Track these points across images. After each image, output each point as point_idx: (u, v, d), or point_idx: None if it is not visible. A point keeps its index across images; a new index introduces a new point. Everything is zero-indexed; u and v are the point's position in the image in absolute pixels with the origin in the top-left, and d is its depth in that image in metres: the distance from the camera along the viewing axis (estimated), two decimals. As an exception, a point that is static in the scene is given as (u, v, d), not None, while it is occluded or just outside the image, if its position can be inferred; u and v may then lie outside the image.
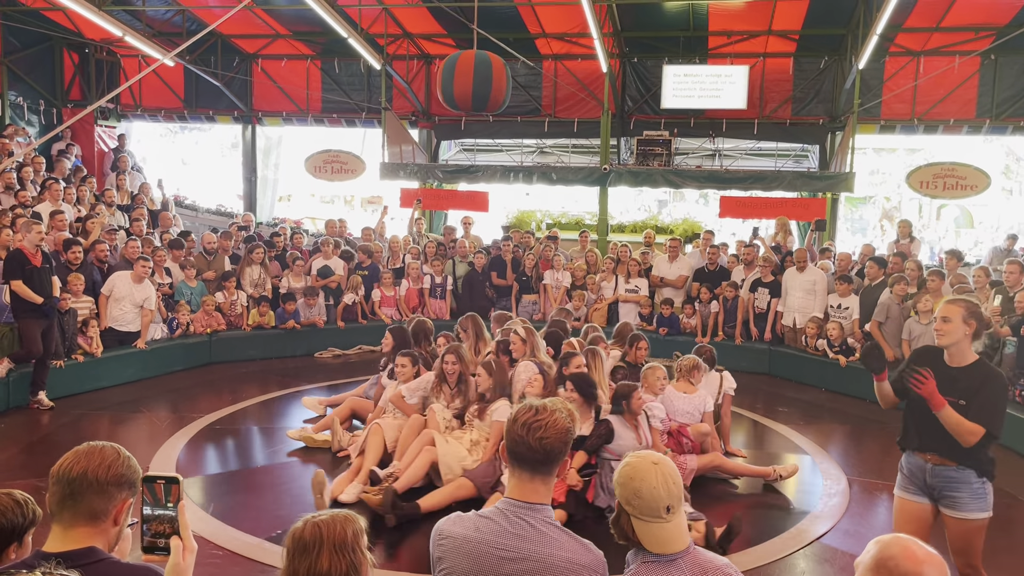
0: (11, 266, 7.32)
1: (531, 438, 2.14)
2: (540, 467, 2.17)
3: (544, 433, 2.14)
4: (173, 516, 1.72)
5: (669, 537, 2.08)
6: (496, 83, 9.42)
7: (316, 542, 1.88)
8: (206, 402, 8.01)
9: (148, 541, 1.72)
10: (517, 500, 2.18)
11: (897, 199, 23.58)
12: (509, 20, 12.63)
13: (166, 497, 1.72)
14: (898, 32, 12.13)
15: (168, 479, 1.74)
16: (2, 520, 2.21)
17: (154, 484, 1.73)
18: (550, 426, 2.15)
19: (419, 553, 4.73)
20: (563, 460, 2.22)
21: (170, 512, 1.72)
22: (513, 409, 2.26)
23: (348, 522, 1.96)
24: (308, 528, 1.91)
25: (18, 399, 7.51)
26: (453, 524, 2.23)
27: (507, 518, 2.16)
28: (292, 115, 15.21)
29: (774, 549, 4.95)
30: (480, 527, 2.17)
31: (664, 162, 13.12)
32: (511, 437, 2.18)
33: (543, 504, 2.18)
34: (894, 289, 8.83)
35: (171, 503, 1.73)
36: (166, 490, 1.72)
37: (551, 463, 2.18)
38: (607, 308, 10.97)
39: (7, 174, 10.25)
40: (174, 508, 1.73)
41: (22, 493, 2.29)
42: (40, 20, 13.34)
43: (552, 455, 2.16)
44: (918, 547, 1.86)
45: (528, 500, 2.17)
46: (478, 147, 15.86)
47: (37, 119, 14.50)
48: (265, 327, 10.22)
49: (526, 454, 2.16)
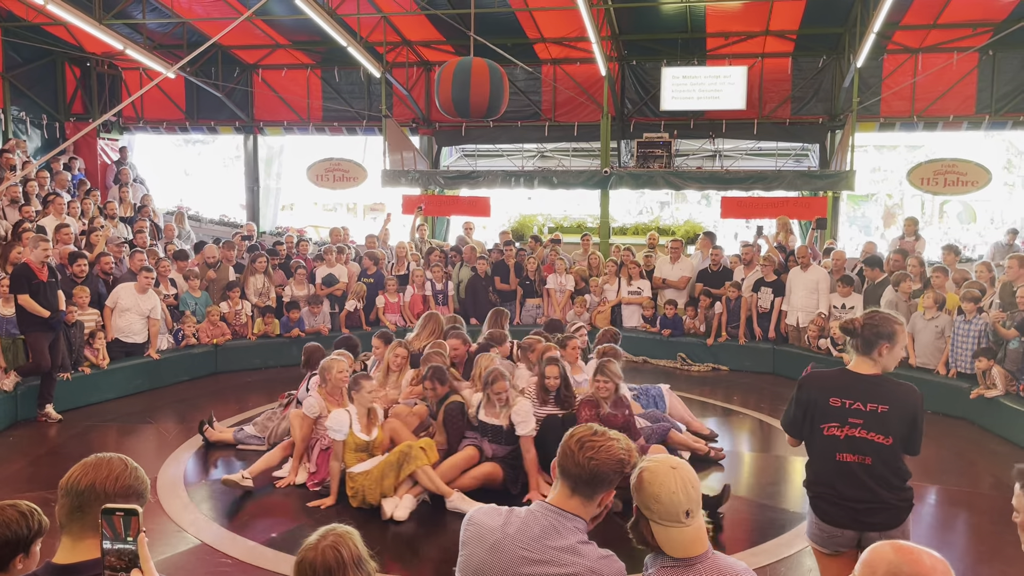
0: (17, 280, 7.37)
1: (581, 455, 2.16)
2: (582, 486, 2.18)
3: (595, 455, 2.16)
4: (133, 549, 1.65)
5: (689, 541, 2.08)
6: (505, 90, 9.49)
7: (340, 566, 1.97)
8: (213, 412, 8.03)
9: (108, 575, 1.65)
10: (554, 506, 2.21)
11: (899, 196, 23.57)
12: (507, 26, 12.66)
13: (125, 530, 1.65)
14: (896, 30, 12.13)
15: (127, 511, 1.66)
16: (7, 532, 2.25)
17: (112, 516, 1.65)
18: (602, 450, 2.17)
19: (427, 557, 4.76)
20: (609, 490, 2.21)
21: (130, 546, 1.65)
22: (575, 426, 2.30)
23: (350, 537, 2.05)
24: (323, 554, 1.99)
25: (26, 412, 7.56)
26: (485, 514, 2.27)
27: (537, 520, 2.19)
28: (293, 124, 15.27)
29: (781, 547, 4.97)
30: (509, 522, 2.22)
31: (664, 164, 13.13)
32: (563, 450, 2.22)
33: (578, 516, 2.19)
34: (900, 287, 8.85)
35: (131, 536, 1.66)
36: (125, 522, 1.65)
37: (595, 485, 2.18)
38: (610, 311, 11.00)
39: (13, 188, 10.32)
40: (134, 541, 1.65)
41: (28, 504, 2.33)
42: (41, 35, 13.42)
43: (597, 478, 2.17)
44: (926, 555, 1.77)
45: (563, 508, 2.20)
46: (479, 153, 15.90)
47: (39, 134, 14.57)
48: (270, 336, 10.26)
49: (572, 469, 2.18)
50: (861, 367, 3.31)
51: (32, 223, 9.49)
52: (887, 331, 3.24)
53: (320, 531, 2.08)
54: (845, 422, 3.26)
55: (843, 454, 3.26)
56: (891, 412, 3.23)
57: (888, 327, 3.25)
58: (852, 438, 3.25)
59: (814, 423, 3.33)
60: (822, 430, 3.30)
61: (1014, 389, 7.40)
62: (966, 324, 7.98)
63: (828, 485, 3.30)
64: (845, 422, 3.26)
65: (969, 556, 4.90)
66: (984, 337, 7.85)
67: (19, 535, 2.26)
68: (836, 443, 3.27)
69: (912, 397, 3.28)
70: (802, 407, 3.37)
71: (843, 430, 3.26)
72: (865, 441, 3.23)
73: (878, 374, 3.30)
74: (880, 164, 23.08)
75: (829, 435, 3.29)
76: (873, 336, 3.25)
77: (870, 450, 3.23)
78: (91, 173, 14.31)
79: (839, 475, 3.26)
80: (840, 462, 3.26)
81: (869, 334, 3.26)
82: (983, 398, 7.55)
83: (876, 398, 3.25)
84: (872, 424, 3.23)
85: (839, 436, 3.27)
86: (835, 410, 3.28)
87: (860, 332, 3.29)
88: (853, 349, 3.35)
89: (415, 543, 5.07)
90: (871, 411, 3.23)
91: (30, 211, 9.96)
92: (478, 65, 9.18)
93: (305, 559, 2.01)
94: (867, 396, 3.26)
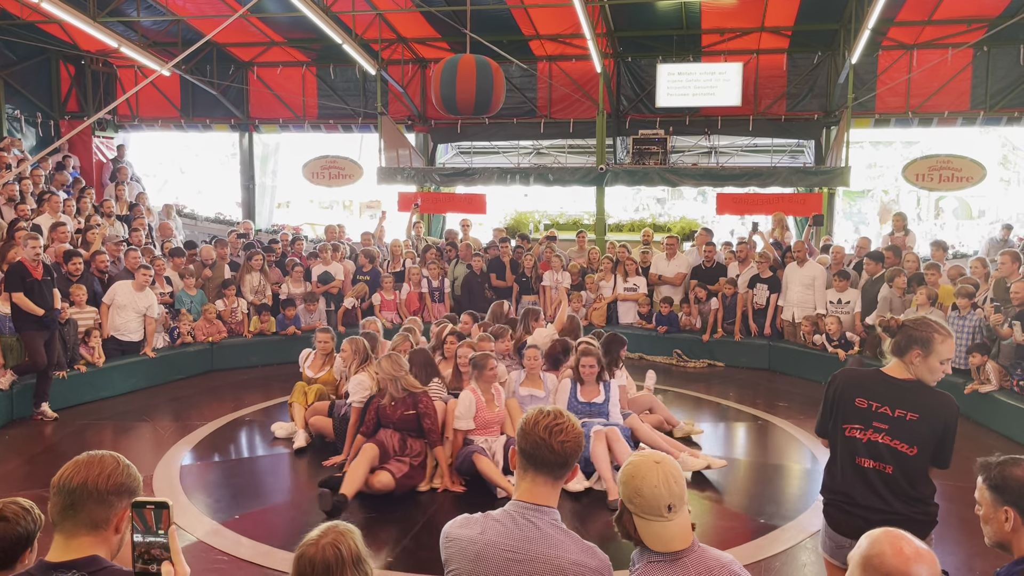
0: (12, 279, 7.36)
1: (554, 441, 2.16)
2: (557, 470, 2.20)
3: (565, 437, 2.18)
4: (164, 542, 1.67)
5: (671, 536, 2.09)
6: (497, 86, 9.48)
7: (339, 564, 1.99)
8: (209, 410, 8.04)
9: (140, 568, 1.66)
10: (525, 502, 2.21)
11: (895, 192, 23.60)
12: (502, 23, 12.66)
13: (156, 523, 1.67)
14: (890, 26, 12.15)
15: (158, 504, 1.68)
16: (18, 528, 2.26)
17: (143, 509, 1.67)
18: (570, 430, 2.19)
19: (420, 558, 4.77)
20: (573, 467, 2.24)
21: (161, 539, 1.67)
22: (527, 414, 2.27)
23: (351, 536, 2.06)
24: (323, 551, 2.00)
25: (21, 411, 7.55)
26: (460, 527, 2.25)
27: (514, 520, 2.19)
28: (289, 122, 15.25)
29: (776, 542, 4.98)
30: (486, 529, 2.20)
31: (660, 161, 13.14)
32: (530, 440, 2.18)
33: (550, 507, 2.21)
34: (894, 283, 8.89)
35: (162, 529, 1.67)
36: (156, 515, 1.67)
37: (567, 467, 2.21)
38: (606, 307, 11.01)
39: (9, 186, 10.30)
40: (165, 534, 1.67)
41: (26, 500, 2.34)
42: (36, 33, 13.38)
43: (570, 459, 2.20)
44: (907, 543, 1.85)
45: (536, 502, 2.20)
46: (475, 150, 15.90)
47: (34, 132, 14.53)
48: (266, 334, 10.25)
49: (548, 457, 2.17)
50: (896, 371, 3.13)
51: (27, 221, 9.47)
52: (921, 336, 3.05)
53: (322, 527, 2.08)
54: (869, 425, 3.09)
55: (863, 459, 3.10)
56: (921, 421, 3.03)
57: (924, 333, 3.05)
58: (874, 443, 3.08)
59: (837, 422, 3.18)
60: (844, 430, 3.15)
61: (1008, 384, 7.43)
62: (960, 320, 8.00)
63: (843, 492, 3.14)
64: (869, 425, 3.09)
65: (962, 551, 4.92)
66: (979, 332, 7.87)
67: (28, 530, 2.28)
68: (857, 446, 3.11)
69: (947, 408, 3.06)
70: (828, 403, 3.22)
71: (866, 433, 3.09)
72: (888, 448, 3.06)
73: (912, 379, 3.09)
74: (875, 160, 23.10)
75: (850, 436, 3.13)
76: (905, 340, 3.09)
77: (892, 458, 3.05)
78: (86, 171, 14.29)
79: (856, 480, 3.10)
80: (858, 466, 3.11)
81: (902, 337, 3.10)
82: (977, 393, 7.57)
83: (906, 404, 3.06)
84: (898, 431, 3.05)
85: (860, 439, 3.10)
86: (859, 411, 3.11)
87: (896, 333, 3.14)
88: (889, 351, 3.18)
89: (419, 542, 5.07)
90: (899, 417, 3.05)
91: (25, 209, 9.94)
92: (465, 62, 9.18)
93: (305, 555, 2.01)
94: (897, 401, 3.07)
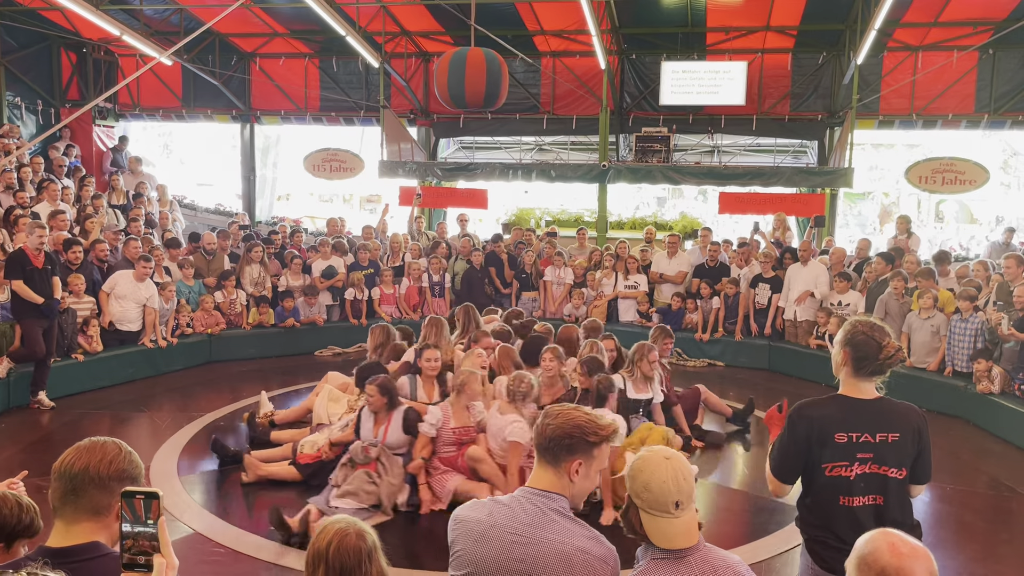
0: (12, 266, 7.33)
1: (542, 423, 2.25)
2: (544, 454, 2.23)
3: (552, 420, 2.22)
4: (154, 532, 1.63)
5: (677, 533, 2.08)
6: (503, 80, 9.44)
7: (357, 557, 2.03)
8: (206, 400, 8.02)
9: (128, 558, 1.62)
10: (534, 488, 2.24)
11: (896, 195, 23.61)
12: (507, 17, 12.61)
13: (146, 513, 1.64)
14: (896, 27, 12.12)
15: (148, 494, 1.64)
16: (11, 518, 2.25)
17: (133, 499, 1.63)
18: (561, 415, 2.23)
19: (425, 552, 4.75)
20: (572, 458, 2.20)
21: (150, 528, 1.63)
22: None
23: (367, 535, 2.09)
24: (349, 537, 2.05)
25: (19, 399, 7.52)
26: (469, 509, 2.29)
27: (521, 504, 2.22)
28: (290, 114, 15.19)
29: (777, 543, 4.97)
30: (493, 511, 2.23)
31: (663, 159, 13.11)
32: (535, 427, 2.31)
33: (559, 494, 2.21)
34: (892, 285, 8.86)
35: (151, 519, 1.64)
36: (146, 505, 1.63)
37: (555, 452, 2.20)
38: (607, 305, 10.98)
39: (7, 174, 10.25)
40: (154, 524, 1.64)
41: (12, 492, 2.34)
42: (37, 20, 13.30)
43: (555, 442, 2.19)
44: (903, 541, 1.85)
45: (544, 488, 2.22)
46: (477, 145, 15.85)
47: (35, 119, 14.47)
48: (265, 325, 10.22)
49: (536, 439, 2.26)
50: (856, 390, 2.86)
51: (25, 209, 9.43)
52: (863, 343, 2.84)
53: (344, 517, 2.15)
54: (854, 459, 2.78)
55: (850, 498, 2.79)
56: (903, 439, 2.80)
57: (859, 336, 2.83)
58: (865, 475, 2.78)
59: (815, 463, 2.82)
60: (824, 471, 2.80)
61: (1010, 388, 7.41)
62: (963, 323, 7.99)
63: (827, 529, 2.83)
64: (854, 459, 2.78)
65: (962, 555, 4.91)
66: (980, 336, 7.85)
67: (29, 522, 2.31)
68: (843, 485, 2.79)
69: (917, 417, 2.86)
70: (800, 445, 2.82)
71: (852, 468, 2.78)
72: (877, 477, 2.78)
73: (876, 398, 2.85)
74: (877, 162, 23.11)
75: (833, 476, 2.79)
76: (858, 352, 2.83)
77: (882, 487, 2.79)
78: (86, 160, 14.23)
79: (842, 521, 2.79)
80: (844, 507, 2.79)
81: (855, 352, 2.82)
82: (980, 397, 7.55)
83: (885, 426, 2.80)
84: (884, 456, 2.79)
85: (848, 477, 2.78)
86: (841, 447, 2.78)
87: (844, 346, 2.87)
88: (846, 371, 2.89)
89: (421, 540, 5.05)
90: (881, 442, 2.78)
91: (24, 197, 9.89)
92: (474, 55, 9.11)
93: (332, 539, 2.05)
94: (874, 425, 2.80)
